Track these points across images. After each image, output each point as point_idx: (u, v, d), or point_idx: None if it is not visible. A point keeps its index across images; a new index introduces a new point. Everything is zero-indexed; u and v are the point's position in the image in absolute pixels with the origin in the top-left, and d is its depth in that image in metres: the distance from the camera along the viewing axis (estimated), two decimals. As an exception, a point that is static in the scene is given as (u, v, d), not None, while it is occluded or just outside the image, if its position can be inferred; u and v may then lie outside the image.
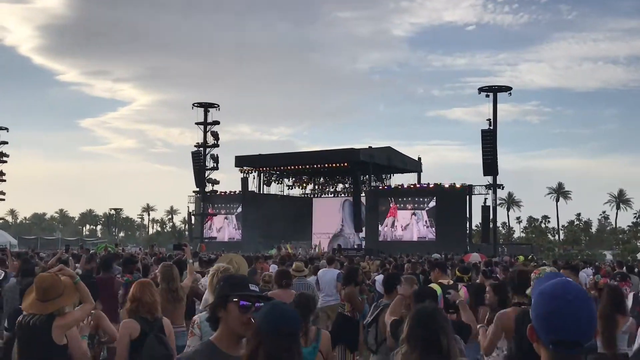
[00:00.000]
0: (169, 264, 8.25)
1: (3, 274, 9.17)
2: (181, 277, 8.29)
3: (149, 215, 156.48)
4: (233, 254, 9.22)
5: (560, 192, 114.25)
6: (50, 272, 5.89)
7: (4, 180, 69.44)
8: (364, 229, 66.40)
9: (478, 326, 6.93)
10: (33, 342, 5.50)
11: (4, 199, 70.36)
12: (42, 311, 5.50)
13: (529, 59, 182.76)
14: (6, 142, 69.52)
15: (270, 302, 3.43)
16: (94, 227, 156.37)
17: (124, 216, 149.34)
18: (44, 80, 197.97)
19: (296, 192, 79.58)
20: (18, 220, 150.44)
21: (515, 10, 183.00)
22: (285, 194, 78.32)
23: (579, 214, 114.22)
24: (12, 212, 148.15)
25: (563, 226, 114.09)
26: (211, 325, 3.56)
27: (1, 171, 69.06)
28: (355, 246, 60.52)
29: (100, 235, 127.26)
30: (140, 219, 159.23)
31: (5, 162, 69.34)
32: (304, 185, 79.68)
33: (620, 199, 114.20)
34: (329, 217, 75.26)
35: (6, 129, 69.69)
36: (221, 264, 5.82)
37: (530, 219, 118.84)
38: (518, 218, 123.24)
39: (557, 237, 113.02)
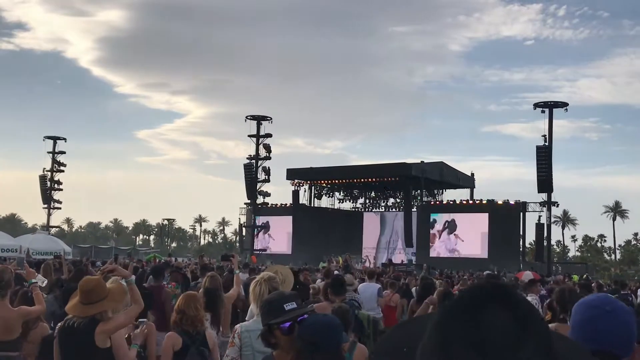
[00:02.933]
0: (213, 274, 8.21)
1: (45, 281, 9.22)
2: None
3: (200, 226, 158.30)
4: (279, 265, 9.12)
5: (617, 210, 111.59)
6: (102, 269, 5.90)
7: (61, 189, 71.01)
8: (414, 244, 65.81)
9: None
10: (75, 345, 5.48)
11: (60, 208, 71.95)
12: (84, 314, 5.47)
13: (589, 75, 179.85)
14: (64, 152, 71.11)
15: (311, 315, 3.42)
16: (147, 237, 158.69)
17: (177, 227, 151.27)
18: (103, 91, 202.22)
19: (347, 205, 79.55)
20: (74, 229, 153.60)
21: (575, 25, 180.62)
22: (335, 207, 78.25)
23: (636, 234, 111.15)
24: (68, 221, 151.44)
25: (620, 246, 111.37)
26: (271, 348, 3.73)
27: (58, 180, 70.62)
28: (406, 261, 59.96)
29: (153, 245, 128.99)
30: (192, 230, 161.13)
31: (63, 171, 70.89)
32: (355, 199, 79.54)
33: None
34: (379, 231, 74.91)
35: (64, 139, 71.31)
36: (266, 272, 5.71)
37: (586, 238, 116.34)
38: (573, 236, 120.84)
39: (613, 256, 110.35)
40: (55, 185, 70.37)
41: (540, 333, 1.07)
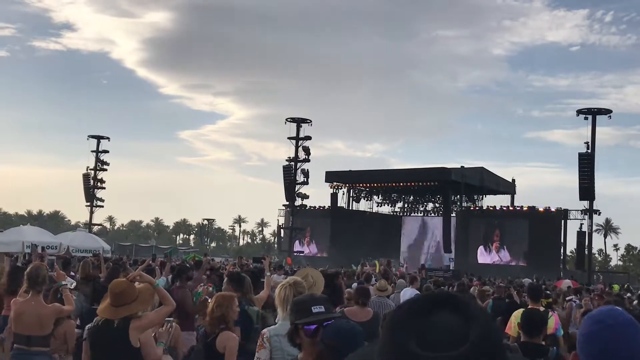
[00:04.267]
0: (243, 276, 8.26)
1: (74, 283, 9.38)
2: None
3: (240, 226, 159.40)
4: (310, 268, 9.15)
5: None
6: (128, 277, 5.97)
7: (104, 188, 72.03)
8: (453, 249, 65.32)
9: None
10: (109, 344, 5.57)
11: (102, 206, 73.05)
12: (114, 316, 5.56)
13: (636, 82, 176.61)
14: (107, 151, 72.15)
15: (336, 320, 3.44)
16: (187, 237, 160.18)
17: (216, 227, 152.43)
18: (147, 92, 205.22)
19: (385, 209, 79.27)
20: (115, 227, 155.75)
21: (622, 32, 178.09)
22: (374, 210, 78.04)
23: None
24: (111, 219, 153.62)
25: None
26: (297, 348, 3.78)
27: (101, 179, 71.67)
28: (444, 267, 59.56)
29: (192, 245, 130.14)
30: (231, 230, 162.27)
31: (106, 170, 71.91)
32: (394, 202, 79.24)
33: None
34: (418, 236, 74.53)
35: (107, 138, 72.34)
36: (293, 277, 5.73)
37: (629, 247, 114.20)
38: (615, 245, 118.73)
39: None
40: (98, 184, 71.39)
41: (482, 327, 1.20)
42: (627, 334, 2.07)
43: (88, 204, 71.73)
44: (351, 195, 75.44)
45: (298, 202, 66.89)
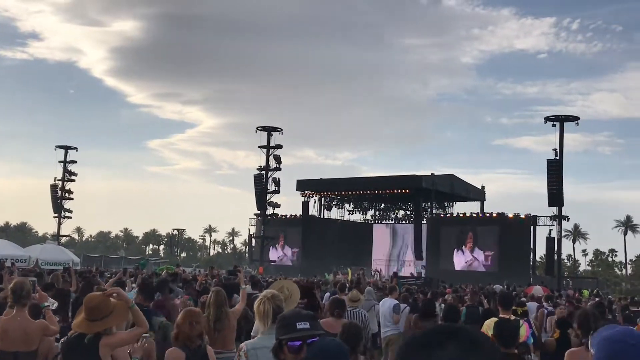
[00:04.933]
0: (218, 289, 8.19)
1: (55, 304, 9.21)
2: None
3: (210, 236, 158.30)
4: (285, 280, 9.08)
5: (628, 225, 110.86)
6: (106, 293, 5.89)
7: (72, 199, 71.25)
8: (424, 257, 65.60)
9: None
10: (79, 359, 5.48)
11: (71, 217, 72.24)
12: (89, 330, 5.48)
13: (602, 89, 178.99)
14: (75, 161, 71.45)
15: (321, 339, 3.41)
16: (157, 247, 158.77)
17: (187, 237, 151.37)
18: (115, 101, 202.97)
19: (357, 217, 79.44)
20: (84, 238, 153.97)
21: (588, 39, 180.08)
22: (345, 219, 78.15)
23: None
24: (79, 230, 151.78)
25: (631, 260, 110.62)
26: None
27: (69, 189, 70.89)
28: (415, 274, 59.80)
29: (162, 255, 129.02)
30: (202, 240, 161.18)
31: (74, 180, 71.20)
32: (365, 210, 79.45)
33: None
34: (389, 243, 74.76)
35: (75, 148, 71.65)
36: (270, 290, 5.69)
37: (597, 252, 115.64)
38: (584, 251, 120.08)
39: (624, 271, 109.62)
40: (66, 195, 70.68)
41: (485, 357, 1.20)
42: None
43: (56, 215, 70.94)
44: (322, 203, 75.49)
45: (269, 210, 66.73)
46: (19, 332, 6.95)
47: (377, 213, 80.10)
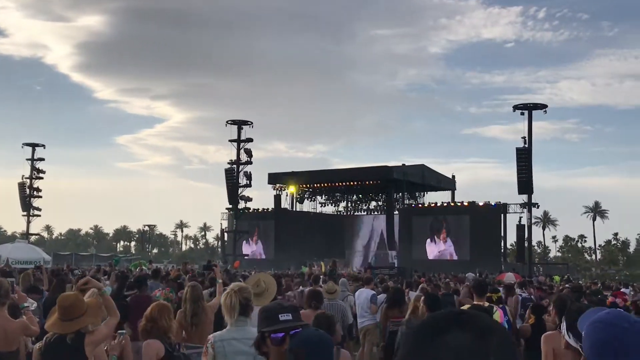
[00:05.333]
0: (194, 284, 8.16)
1: (35, 304, 9.06)
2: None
3: (182, 231, 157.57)
4: (262, 273, 9.07)
5: (597, 211, 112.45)
6: (77, 285, 5.84)
7: (40, 197, 70.45)
8: (397, 247, 65.96)
9: None
10: (65, 359, 5.42)
11: (39, 215, 71.43)
12: (65, 330, 5.42)
13: (569, 76, 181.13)
14: (43, 159, 70.65)
15: (304, 330, 3.44)
16: (128, 244, 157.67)
17: (158, 232, 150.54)
18: (82, 97, 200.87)
19: (329, 209, 79.59)
20: (53, 236, 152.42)
21: (555, 27, 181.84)
22: (318, 211, 78.25)
23: (616, 234, 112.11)
24: (48, 228, 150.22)
25: (600, 246, 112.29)
26: (265, 357, 3.69)
27: (37, 187, 70.10)
28: (389, 264, 60.09)
29: (134, 252, 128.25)
30: (173, 236, 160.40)
31: (42, 178, 70.38)
32: (337, 202, 79.61)
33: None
34: (362, 234, 75.03)
35: (43, 145, 70.84)
36: (238, 283, 5.69)
37: (567, 238, 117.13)
38: (554, 237, 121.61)
39: (594, 257, 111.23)
40: (35, 193, 69.86)
41: (502, 349, 1.17)
42: None
43: (25, 213, 70.11)
44: (295, 196, 75.48)
45: (241, 205, 66.52)
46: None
47: (350, 205, 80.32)
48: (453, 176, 75.31)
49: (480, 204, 63.84)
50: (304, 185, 74.23)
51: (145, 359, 5.82)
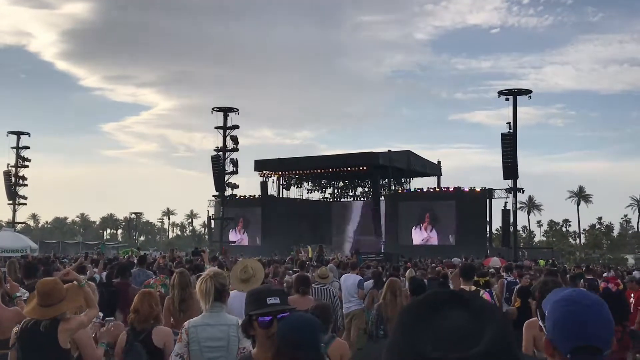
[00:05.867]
0: (182, 270, 8.22)
1: (28, 294, 9.04)
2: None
3: (169, 219, 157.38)
4: (249, 259, 9.13)
5: (581, 195, 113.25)
6: (55, 277, 5.86)
7: (26, 185, 70.04)
8: (383, 232, 66.19)
9: None
10: (38, 346, 5.46)
11: (25, 204, 71.00)
12: (43, 316, 5.45)
13: (554, 62, 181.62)
14: (28, 147, 70.16)
15: (292, 315, 3.46)
16: (115, 231, 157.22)
17: (144, 220, 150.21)
18: (67, 85, 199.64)
19: (315, 195, 79.73)
20: (40, 225, 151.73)
21: (540, 13, 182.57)
22: (304, 197, 78.31)
23: (600, 218, 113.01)
24: (34, 217, 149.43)
25: (584, 230, 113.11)
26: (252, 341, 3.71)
27: (23, 176, 69.64)
28: (375, 250, 60.34)
29: (120, 240, 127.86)
30: (160, 223, 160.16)
31: (27, 166, 69.95)
32: (324, 189, 79.71)
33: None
34: (348, 220, 75.20)
35: (28, 133, 70.39)
36: (213, 268, 5.75)
37: (551, 223, 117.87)
38: (539, 222, 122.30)
39: (578, 241, 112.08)
40: (20, 181, 69.44)
41: (497, 327, 1.17)
42: (604, 312, 2.13)
43: (10, 202, 69.74)
44: (281, 183, 75.50)
45: (228, 192, 66.38)
46: None
47: (336, 191, 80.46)
48: (439, 162, 75.65)
49: (466, 189, 64.15)
50: (290, 172, 74.28)
51: (116, 348, 5.93)
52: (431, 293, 1.27)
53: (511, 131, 53.60)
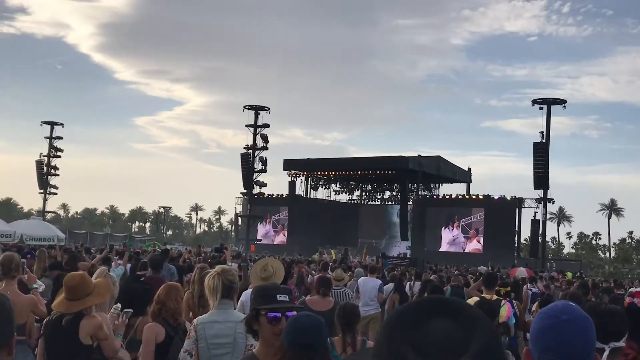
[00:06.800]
0: (203, 265, 8.20)
1: (43, 286, 9.08)
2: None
3: (197, 214, 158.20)
4: (270, 258, 9.10)
5: (612, 208, 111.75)
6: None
7: (58, 175, 71.03)
8: (409, 237, 65.90)
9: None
10: (60, 339, 5.48)
11: (56, 193, 72.05)
12: (69, 310, 5.46)
13: (591, 72, 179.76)
14: (61, 137, 71.19)
15: (298, 315, 3.43)
16: (143, 225, 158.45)
17: (173, 214, 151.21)
18: (102, 77, 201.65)
19: (343, 197, 79.59)
20: (69, 215, 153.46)
21: (579, 23, 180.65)
22: (332, 199, 78.28)
23: (631, 232, 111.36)
24: (64, 206, 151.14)
25: (614, 244, 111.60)
26: (253, 336, 3.71)
27: (55, 165, 70.61)
28: (401, 255, 60.09)
29: (148, 233, 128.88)
30: (188, 218, 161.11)
31: (60, 156, 70.93)
32: (351, 191, 79.59)
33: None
34: (375, 224, 74.97)
35: (61, 124, 71.35)
36: (221, 265, 5.68)
37: (581, 235, 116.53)
38: (568, 233, 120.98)
39: (607, 254, 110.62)
40: (52, 171, 70.44)
41: (486, 336, 1.15)
42: (581, 329, 2.08)
43: (41, 191, 70.70)
44: (309, 183, 75.54)
45: (256, 190, 66.68)
46: None
47: (364, 194, 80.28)
48: (469, 169, 75.08)
49: (496, 197, 63.66)
50: (319, 173, 74.28)
51: (143, 342, 5.81)
52: (420, 300, 1.24)
53: (544, 141, 53.14)
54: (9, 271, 7.06)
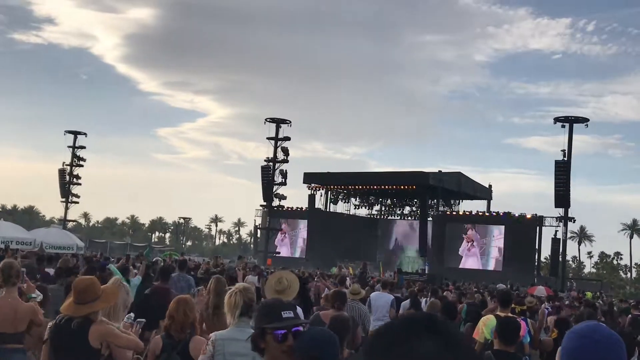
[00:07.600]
0: (219, 277, 8.23)
1: (41, 296, 9.08)
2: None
3: (216, 226, 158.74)
4: (285, 271, 9.11)
5: (634, 228, 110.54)
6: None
7: (80, 184, 71.57)
8: (428, 253, 65.63)
9: None
10: (68, 343, 5.50)
11: (78, 202, 72.56)
12: (75, 313, 5.48)
13: (615, 91, 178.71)
14: (84, 147, 71.71)
15: (310, 329, 3.42)
16: (163, 235, 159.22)
17: (193, 225, 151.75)
18: (126, 88, 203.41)
19: (362, 212, 79.43)
20: (90, 224, 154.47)
21: (604, 41, 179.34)
22: (351, 213, 78.17)
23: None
24: (86, 215, 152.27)
25: (636, 264, 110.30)
26: (259, 353, 3.65)
27: (77, 175, 71.17)
28: (420, 271, 59.83)
29: (168, 243, 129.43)
30: (207, 229, 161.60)
31: (82, 166, 71.48)
32: (371, 205, 79.45)
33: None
34: (394, 239, 74.73)
35: (84, 133, 71.95)
36: (242, 283, 5.69)
37: (602, 255, 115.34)
38: (589, 253, 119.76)
39: (629, 275, 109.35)
40: (74, 180, 70.98)
41: (468, 358, 1.16)
42: (613, 350, 2.08)
43: (63, 199, 71.26)
44: (329, 197, 75.52)
45: (275, 202, 66.76)
46: (8, 311, 6.86)
47: (384, 209, 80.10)
48: (490, 186, 74.72)
49: (516, 215, 63.23)
50: (339, 187, 74.23)
51: (148, 354, 5.88)
52: (406, 318, 1.24)
53: (565, 159, 52.79)
54: (9, 278, 7.02)
